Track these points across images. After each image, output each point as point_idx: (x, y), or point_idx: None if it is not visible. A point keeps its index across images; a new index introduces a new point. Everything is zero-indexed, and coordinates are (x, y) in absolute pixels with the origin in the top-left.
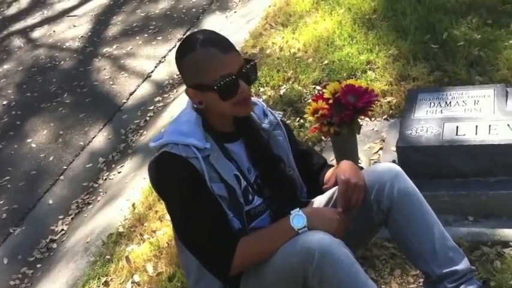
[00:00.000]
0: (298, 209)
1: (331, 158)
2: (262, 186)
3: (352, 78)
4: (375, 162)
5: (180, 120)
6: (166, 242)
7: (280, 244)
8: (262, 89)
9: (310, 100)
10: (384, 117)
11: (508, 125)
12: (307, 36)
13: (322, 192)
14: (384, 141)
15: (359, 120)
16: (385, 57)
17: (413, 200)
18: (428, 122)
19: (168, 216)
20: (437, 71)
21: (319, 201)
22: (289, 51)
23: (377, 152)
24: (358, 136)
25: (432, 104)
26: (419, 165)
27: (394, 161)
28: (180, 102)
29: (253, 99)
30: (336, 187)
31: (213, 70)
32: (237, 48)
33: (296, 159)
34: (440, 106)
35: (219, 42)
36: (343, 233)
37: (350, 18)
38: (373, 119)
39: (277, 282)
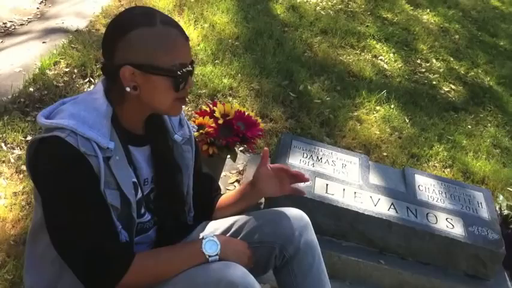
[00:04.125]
0: (212, 234)
1: None
2: (154, 198)
3: (215, 98)
4: None
5: (86, 105)
6: None
7: (183, 268)
8: None
9: (193, 112)
10: (240, 148)
11: (371, 197)
12: None
13: (210, 218)
14: (240, 173)
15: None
16: (247, 89)
17: (315, 256)
18: (301, 172)
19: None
20: (292, 119)
21: (214, 227)
22: None
23: (233, 183)
24: None
25: (305, 154)
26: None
27: None
28: (6, 54)
29: None
30: (237, 217)
31: (174, 54)
32: (87, 21)
33: (195, 181)
34: (313, 159)
35: (179, 26)
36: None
37: (215, 36)
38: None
39: None
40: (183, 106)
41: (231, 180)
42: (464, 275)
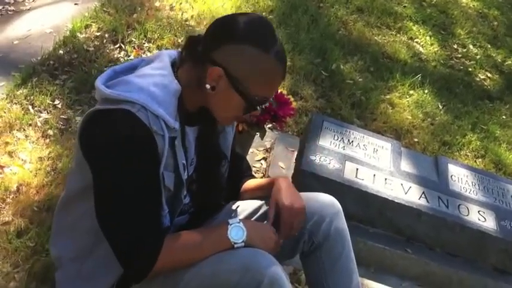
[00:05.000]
0: (238, 219)
1: None
2: (195, 181)
3: None
4: (257, 171)
5: (155, 81)
6: (17, 186)
7: (210, 253)
8: (147, 44)
9: None
10: (268, 125)
11: (402, 184)
12: (202, 7)
13: (238, 198)
14: (267, 151)
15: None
16: None
17: (344, 244)
18: (331, 154)
19: (22, 155)
20: (323, 98)
21: (241, 208)
22: (181, 15)
23: (260, 160)
24: None
25: (336, 136)
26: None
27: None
28: (38, 15)
29: None
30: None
31: (267, 89)
32: None
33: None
34: (343, 142)
35: (286, 63)
36: (275, 255)
37: (249, 8)
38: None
39: None
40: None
41: (258, 158)
42: (493, 270)
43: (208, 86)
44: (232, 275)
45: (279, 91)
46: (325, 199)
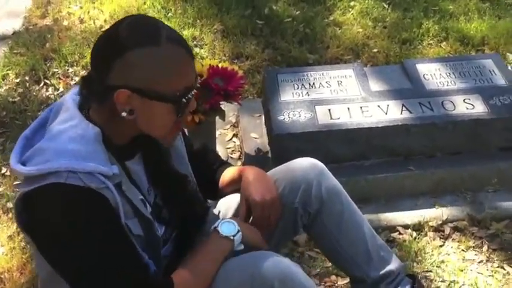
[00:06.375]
0: (219, 219)
1: None
2: (162, 207)
3: None
4: (233, 151)
5: (69, 136)
6: None
7: (219, 263)
8: (71, 70)
9: None
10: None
11: (379, 106)
12: (112, 6)
13: (218, 194)
14: (235, 126)
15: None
16: (210, 33)
17: (342, 200)
18: (298, 106)
19: None
20: (268, 48)
21: (224, 209)
22: (94, 23)
23: (231, 139)
24: None
25: (295, 85)
26: (296, 153)
27: (259, 149)
28: None
29: None
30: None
31: (179, 78)
32: (21, 18)
33: (191, 163)
34: (305, 88)
35: (185, 43)
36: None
37: None
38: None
39: None
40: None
41: (228, 138)
42: (499, 151)
43: (124, 114)
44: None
45: (220, 66)
46: (304, 163)
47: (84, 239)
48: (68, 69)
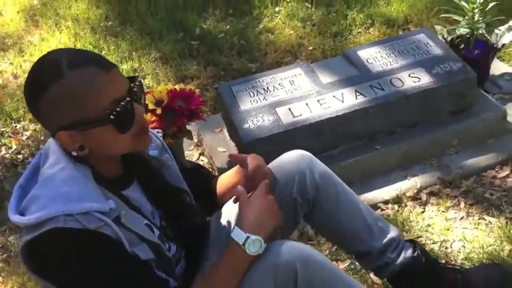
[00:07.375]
0: (245, 235)
1: None
2: (166, 227)
3: None
4: (213, 171)
5: (60, 180)
6: None
7: (239, 275)
8: (19, 125)
9: None
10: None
11: (334, 96)
12: (40, 53)
13: (218, 202)
14: (198, 145)
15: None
16: (150, 62)
17: (335, 182)
18: (260, 111)
19: None
20: (210, 66)
21: (226, 217)
22: None
23: (198, 158)
24: None
25: (251, 93)
26: (268, 155)
27: (230, 161)
28: None
29: None
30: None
31: (98, 97)
32: None
33: (187, 180)
34: (261, 93)
35: (93, 58)
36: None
37: (86, 28)
38: None
39: None
40: (149, 135)
41: (195, 158)
42: (451, 115)
43: (75, 153)
44: (266, 280)
45: (176, 88)
46: (293, 156)
47: (93, 277)
48: (15, 126)
